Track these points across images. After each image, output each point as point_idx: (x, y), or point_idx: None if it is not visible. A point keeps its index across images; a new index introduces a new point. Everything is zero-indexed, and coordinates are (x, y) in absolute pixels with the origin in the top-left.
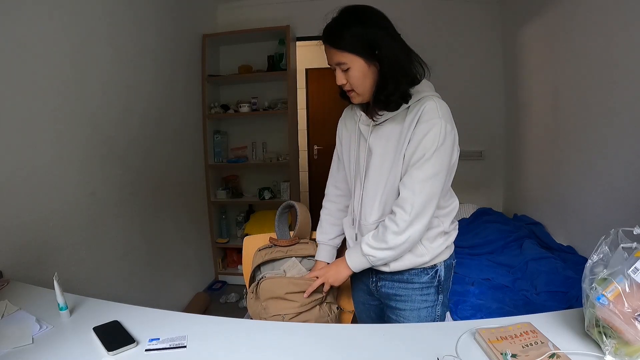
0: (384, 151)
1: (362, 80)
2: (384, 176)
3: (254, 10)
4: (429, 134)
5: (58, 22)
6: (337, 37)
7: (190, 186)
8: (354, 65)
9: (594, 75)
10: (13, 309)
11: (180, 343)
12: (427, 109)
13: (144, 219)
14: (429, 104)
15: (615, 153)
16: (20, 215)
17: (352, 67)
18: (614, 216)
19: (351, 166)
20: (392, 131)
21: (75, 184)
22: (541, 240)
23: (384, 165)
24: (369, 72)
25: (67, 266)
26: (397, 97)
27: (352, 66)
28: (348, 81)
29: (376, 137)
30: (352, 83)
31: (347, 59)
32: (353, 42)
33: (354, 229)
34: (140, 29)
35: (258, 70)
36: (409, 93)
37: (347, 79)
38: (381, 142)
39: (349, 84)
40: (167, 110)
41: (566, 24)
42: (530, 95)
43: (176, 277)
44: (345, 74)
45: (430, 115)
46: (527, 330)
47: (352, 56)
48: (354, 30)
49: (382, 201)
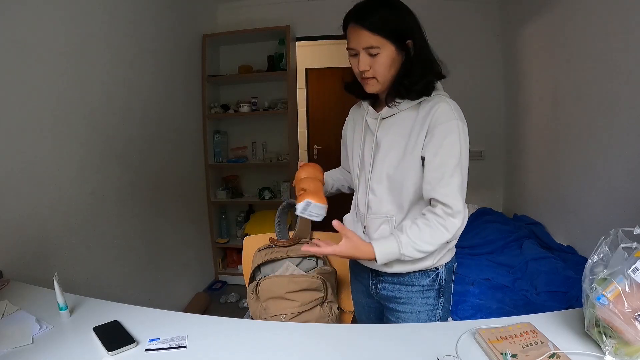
0: (392, 145)
1: (389, 67)
2: (391, 169)
3: (254, 10)
4: (450, 137)
5: (58, 22)
6: (372, 19)
7: (190, 186)
8: (384, 50)
9: (594, 75)
10: (13, 309)
11: (180, 343)
12: (442, 109)
13: (144, 219)
14: (443, 105)
15: (615, 153)
16: (20, 215)
17: (382, 53)
18: (614, 216)
19: (355, 160)
20: (401, 125)
21: (75, 184)
22: (541, 240)
23: (392, 159)
24: (396, 60)
25: (67, 266)
26: (421, 86)
27: (383, 51)
28: (372, 67)
29: (384, 130)
30: (378, 69)
31: (379, 42)
32: (388, 26)
33: (357, 223)
34: (140, 29)
35: (258, 70)
36: (433, 85)
37: (372, 65)
38: (389, 135)
39: (372, 70)
40: (167, 110)
41: (566, 24)
42: (530, 95)
43: (176, 277)
44: (371, 59)
45: (448, 117)
46: (527, 330)
47: (385, 41)
48: (389, 14)
49: (390, 194)
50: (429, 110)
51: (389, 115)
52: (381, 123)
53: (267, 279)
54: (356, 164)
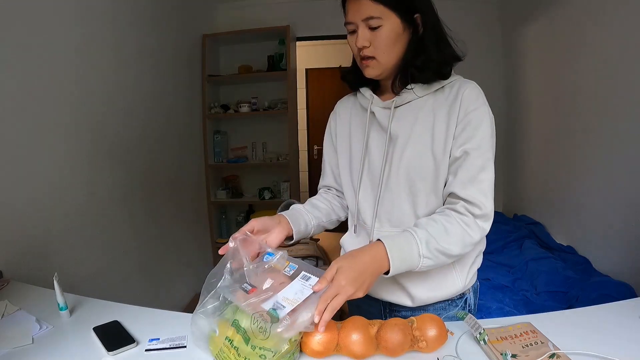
0: (411, 137)
1: (393, 43)
2: (412, 167)
3: (254, 10)
4: (482, 128)
5: (59, 23)
6: None
7: (190, 186)
8: (387, 22)
9: (594, 75)
10: (13, 309)
11: (180, 343)
12: (470, 94)
13: (144, 219)
14: (471, 88)
15: (615, 153)
16: (20, 215)
17: (384, 25)
18: (614, 216)
19: (354, 162)
20: (420, 114)
21: (76, 184)
22: (541, 240)
23: (412, 154)
24: (402, 37)
25: (67, 266)
26: (436, 65)
27: (385, 23)
28: (372, 44)
29: (399, 121)
30: (379, 46)
31: (381, 13)
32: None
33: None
34: (140, 29)
35: (258, 70)
36: (451, 67)
37: (372, 41)
38: (406, 127)
39: (372, 47)
40: (167, 110)
41: (566, 24)
42: (530, 95)
43: (176, 277)
44: (371, 34)
45: (478, 102)
46: (527, 330)
47: (388, 11)
48: None
49: (409, 198)
50: (456, 95)
51: (403, 102)
52: (395, 112)
53: None
54: (356, 166)
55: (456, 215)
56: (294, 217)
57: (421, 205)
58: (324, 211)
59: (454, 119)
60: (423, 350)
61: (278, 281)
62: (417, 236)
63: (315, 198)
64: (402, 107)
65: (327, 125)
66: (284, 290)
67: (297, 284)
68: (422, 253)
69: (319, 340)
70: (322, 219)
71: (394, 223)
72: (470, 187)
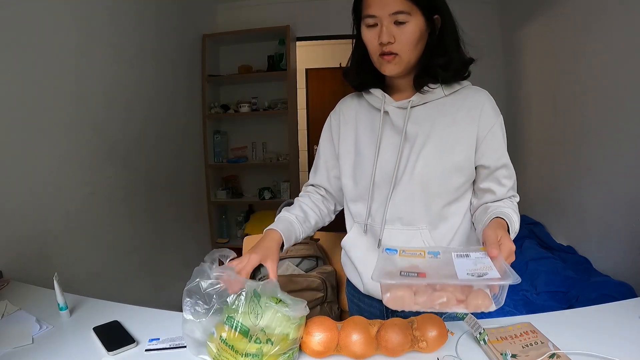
0: (429, 139)
1: (417, 41)
2: (428, 168)
3: (254, 10)
4: (500, 132)
5: (59, 22)
6: None
7: (190, 186)
8: (413, 19)
9: (594, 75)
10: (13, 309)
11: (180, 343)
12: (490, 103)
13: (144, 219)
14: (487, 97)
15: (615, 153)
16: (20, 215)
17: (410, 22)
18: (614, 216)
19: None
20: (439, 115)
21: (76, 184)
22: (541, 240)
23: (429, 156)
24: (424, 36)
25: (67, 266)
26: (460, 65)
27: (412, 20)
28: (397, 39)
29: (416, 121)
30: (404, 42)
31: (410, 8)
32: None
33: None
34: (141, 29)
35: (258, 70)
36: (469, 67)
37: (397, 37)
38: (424, 128)
39: (397, 43)
40: (167, 110)
41: (566, 24)
42: (530, 95)
43: (176, 277)
44: (397, 29)
45: (497, 111)
46: (527, 330)
47: (415, 8)
48: None
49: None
50: (474, 104)
51: (420, 103)
52: (411, 112)
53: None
54: (367, 167)
55: (510, 202)
56: (288, 233)
57: (434, 204)
58: (313, 222)
59: (475, 127)
60: (423, 351)
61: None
62: (512, 217)
63: (306, 204)
64: (419, 107)
65: (327, 123)
66: (460, 268)
67: (464, 261)
68: (515, 229)
69: (319, 340)
70: (308, 232)
71: (405, 222)
72: (513, 189)
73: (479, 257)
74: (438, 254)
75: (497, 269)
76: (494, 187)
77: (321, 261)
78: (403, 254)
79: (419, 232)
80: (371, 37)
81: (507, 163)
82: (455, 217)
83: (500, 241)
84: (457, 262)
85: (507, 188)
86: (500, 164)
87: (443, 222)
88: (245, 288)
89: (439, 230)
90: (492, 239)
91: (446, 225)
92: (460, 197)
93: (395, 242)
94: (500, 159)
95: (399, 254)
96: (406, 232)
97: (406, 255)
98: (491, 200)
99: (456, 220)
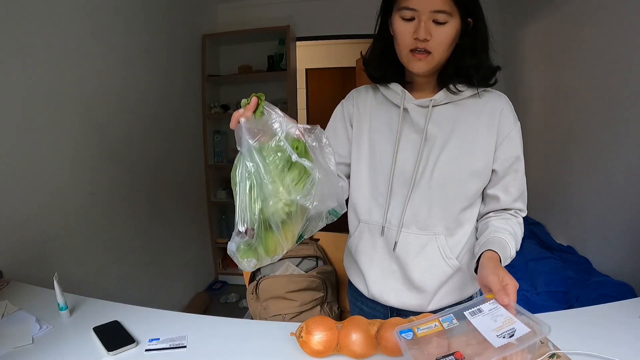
0: (449, 140)
1: (451, 42)
2: (448, 171)
3: (254, 10)
4: (517, 139)
5: (58, 22)
6: None
7: (190, 186)
8: (452, 20)
9: (594, 74)
10: (13, 309)
11: (180, 343)
12: (509, 108)
13: (144, 219)
14: (509, 106)
15: (615, 153)
16: (20, 215)
17: (449, 22)
18: (614, 216)
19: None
20: (461, 117)
21: (76, 184)
22: (541, 240)
23: (449, 158)
24: (456, 38)
25: (67, 266)
26: (491, 71)
27: (451, 21)
28: (433, 38)
29: (437, 121)
30: (440, 41)
31: (451, 9)
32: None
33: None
34: (140, 29)
35: (258, 70)
36: (495, 74)
37: (434, 35)
38: (446, 128)
39: (432, 41)
40: (168, 110)
41: (566, 24)
42: (530, 95)
43: (176, 277)
44: (435, 28)
45: (515, 117)
46: None
47: (456, 10)
48: None
49: (440, 203)
50: (494, 107)
51: (442, 102)
52: (433, 111)
53: (267, 278)
54: (384, 166)
55: (513, 218)
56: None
57: (452, 209)
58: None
59: (494, 132)
60: None
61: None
62: (509, 242)
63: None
64: (440, 107)
65: (338, 110)
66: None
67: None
68: (511, 255)
69: (319, 339)
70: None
71: (421, 225)
72: (519, 201)
73: (493, 309)
74: (452, 319)
75: (519, 320)
76: (500, 194)
77: (321, 261)
78: (419, 331)
79: (435, 237)
80: (406, 30)
81: (518, 170)
82: (469, 224)
83: (504, 281)
84: (476, 323)
85: (513, 197)
86: (511, 171)
87: (459, 228)
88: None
89: (455, 237)
90: (497, 285)
91: (461, 231)
92: (474, 203)
93: (411, 247)
94: (512, 165)
95: (415, 332)
96: (422, 237)
97: (423, 332)
98: (495, 209)
99: (469, 226)
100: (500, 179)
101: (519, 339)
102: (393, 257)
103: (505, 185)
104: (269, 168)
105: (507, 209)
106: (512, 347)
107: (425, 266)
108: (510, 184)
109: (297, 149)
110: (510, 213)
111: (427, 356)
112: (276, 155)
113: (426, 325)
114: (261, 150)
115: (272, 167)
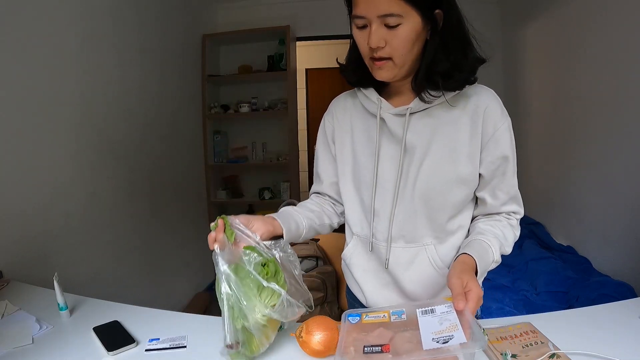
0: (430, 149)
1: (412, 44)
2: (431, 181)
3: (254, 10)
4: (510, 142)
5: (59, 23)
6: None
7: (190, 186)
8: (408, 20)
9: (594, 75)
10: (13, 309)
11: (180, 343)
12: (494, 105)
13: (144, 219)
14: (492, 98)
15: (615, 153)
16: (20, 215)
17: (404, 24)
18: (614, 216)
19: (359, 171)
20: (440, 123)
21: (76, 184)
22: (541, 240)
23: (431, 167)
24: (421, 35)
25: (67, 266)
26: (466, 74)
27: (405, 22)
28: (388, 43)
29: (415, 130)
30: (396, 46)
31: (403, 10)
32: None
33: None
34: (141, 29)
35: (258, 70)
36: (476, 72)
37: (389, 41)
38: (424, 136)
39: (388, 47)
40: (167, 110)
41: (566, 24)
42: (530, 96)
43: (176, 277)
44: (388, 32)
45: (502, 114)
46: (527, 330)
47: (409, 8)
48: None
49: (426, 214)
50: (478, 104)
51: (419, 109)
52: (410, 120)
53: None
54: (367, 179)
55: (505, 220)
56: (283, 216)
57: (437, 219)
58: (316, 213)
59: (478, 133)
60: None
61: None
62: (492, 246)
63: (306, 201)
64: (418, 114)
65: (321, 127)
66: (425, 331)
67: (430, 319)
68: (496, 259)
69: (319, 339)
70: (314, 220)
71: (408, 239)
72: (510, 203)
73: (445, 312)
74: (402, 313)
75: (463, 327)
76: (488, 198)
77: (321, 261)
78: (367, 318)
79: (424, 248)
80: (361, 39)
81: (506, 172)
82: (460, 230)
83: (467, 287)
84: (422, 322)
85: (502, 201)
86: (497, 174)
87: (450, 236)
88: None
89: (446, 246)
90: (458, 289)
91: (452, 239)
92: (464, 209)
93: (400, 261)
94: (498, 168)
95: (362, 319)
96: (410, 250)
97: (370, 320)
98: (482, 213)
99: (461, 233)
100: (487, 183)
101: (451, 346)
102: (385, 270)
103: (493, 189)
104: (244, 290)
105: (497, 213)
106: (439, 352)
107: (416, 279)
108: (497, 188)
109: (266, 267)
110: (501, 216)
111: (357, 340)
112: (249, 279)
113: (375, 314)
114: (236, 272)
115: (247, 289)
